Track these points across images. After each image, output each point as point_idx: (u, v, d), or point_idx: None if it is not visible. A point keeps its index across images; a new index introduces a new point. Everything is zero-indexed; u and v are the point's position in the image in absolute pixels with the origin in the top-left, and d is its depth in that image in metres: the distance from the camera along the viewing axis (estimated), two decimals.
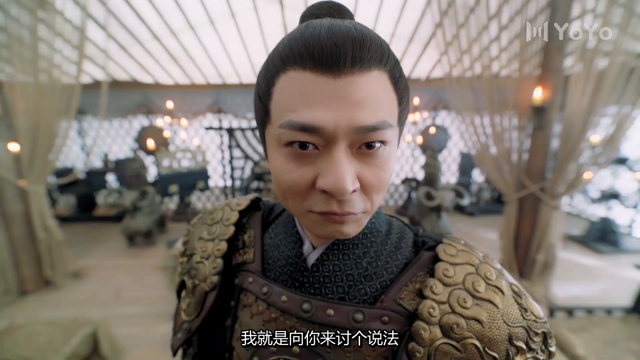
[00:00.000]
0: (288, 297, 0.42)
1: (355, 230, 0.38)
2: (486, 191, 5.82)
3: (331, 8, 0.40)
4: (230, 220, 0.51)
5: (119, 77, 5.05)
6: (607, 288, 3.03)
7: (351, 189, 0.32)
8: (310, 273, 0.42)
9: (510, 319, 0.35)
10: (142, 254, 3.88)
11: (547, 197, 2.71)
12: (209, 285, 0.48)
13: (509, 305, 0.36)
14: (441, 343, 0.35)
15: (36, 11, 2.47)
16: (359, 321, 0.38)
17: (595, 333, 1.68)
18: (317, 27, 0.32)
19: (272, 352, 0.41)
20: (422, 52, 4.55)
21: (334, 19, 0.34)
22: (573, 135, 2.47)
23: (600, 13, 2.14)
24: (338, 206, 0.34)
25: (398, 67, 0.35)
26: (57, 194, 5.60)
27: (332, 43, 0.30)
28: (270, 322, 0.42)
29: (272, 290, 0.43)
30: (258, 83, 0.38)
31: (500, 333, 0.34)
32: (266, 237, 0.50)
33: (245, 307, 0.46)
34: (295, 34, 0.33)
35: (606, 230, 3.97)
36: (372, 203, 0.37)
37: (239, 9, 3.78)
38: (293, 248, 0.45)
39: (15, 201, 2.78)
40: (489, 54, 2.76)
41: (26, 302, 2.83)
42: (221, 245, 0.49)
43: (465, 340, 0.34)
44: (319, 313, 0.39)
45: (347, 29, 0.31)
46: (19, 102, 2.63)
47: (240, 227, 0.53)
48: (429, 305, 0.36)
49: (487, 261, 0.40)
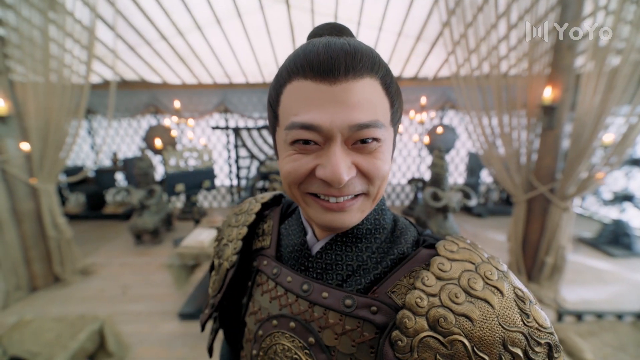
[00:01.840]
0: (292, 277, 0.48)
1: (355, 218, 0.41)
2: (494, 192, 5.74)
3: (332, 28, 0.45)
4: (253, 210, 0.60)
5: (128, 77, 5.12)
6: (618, 292, 2.96)
7: (346, 178, 0.37)
8: (314, 260, 0.47)
9: (507, 322, 0.33)
10: (149, 252, 3.92)
11: (557, 199, 2.65)
12: (230, 263, 0.55)
13: (507, 308, 0.34)
14: (426, 336, 0.34)
15: (47, 12, 2.51)
16: (348, 306, 0.41)
17: (605, 338, 1.64)
18: (317, 43, 0.38)
19: (273, 326, 0.47)
20: (429, 51, 4.50)
21: (331, 37, 0.39)
22: (584, 135, 2.41)
23: (612, 10, 2.09)
24: (337, 190, 0.39)
25: (389, 74, 0.40)
26: (68, 192, 5.72)
27: (328, 56, 0.35)
28: (276, 299, 0.48)
29: (281, 271, 0.50)
30: (269, 93, 0.43)
31: (493, 335, 0.33)
32: (282, 227, 0.56)
33: (259, 285, 0.53)
34: (299, 50, 0.39)
35: (619, 233, 3.87)
36: (374, 187, 0.41)
37: (246, 8, 3.80)
38: (298, 237, 0.50)
39: (26, 199, 2.84)
40: (498, 53, 2.71)
41: (36, 297, 2.89)
42: (243, 230, 0.57)
43: (452, 336, 0.33)
44: (315, 294, 0.44)
45: (341, 44, 0.37)
46: (30, 101, 2.69)
47: (262, 217, 0.61)
48: (417, 295, 0.36)
49: (491, 262, 0.39)
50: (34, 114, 2.72)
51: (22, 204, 2.82)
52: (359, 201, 0.41)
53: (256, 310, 0.51)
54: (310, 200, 0.42)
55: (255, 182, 4.63)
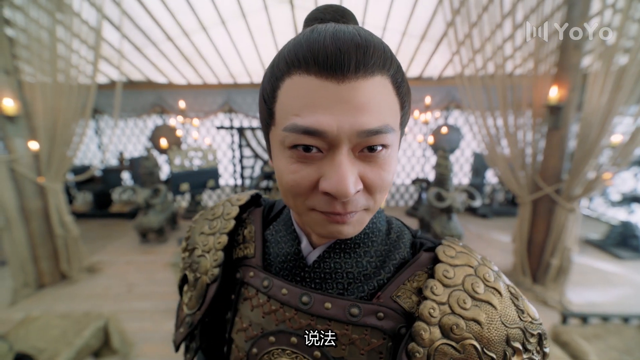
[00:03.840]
0: (288, 290, 0.43)
1: (356, 230, 0.39)
2: (500, 192, 5.68)
3: (335, 12, 0.40)
4: (230, 215, 0.53)
5: (134, 78, 5.18)
6: (625, 295, 2.91)
7: (353, 191, 0.33)
8: (312, 269, 0.44)
9: (508, 320, 0.36)
10: (154, 250, 3.96)
11: (563, 200, 2.62)
12: (210, 277, 0.49)
13: (506, 307, 0.37)
14: (441, 343, 0.35)
15: (55, 13, 2.55)
16: (354, 315, 0.39)
17: (610, 341, 1.62)
18: (322, 32, 0.32)
19: (270, 343, 0.43)
20: (434, 51, 4.47)
21: (338, 24, 0.34)
22: (591, 136, 2.38)
23: (620, 8, 2.06)
24: (341, 207, 0.35)
25: (400, 72, 0.36)
26: (75, 190, 5.79)
27: (336, 49, 0.30)
28: (270, 314, 0.44)
29: (273, 283, 0.45)
30: (263, 86, 0.38)
31: (499, 334, 0.35)
32: (267, 233, 0.51)
33: (246, 300, 0.47)
34: (301, 38, 0.34)
35: (627, 235, 3.81)
36: (375, 201, 0.38)
37: (250, 9, 3.82)
38: (292, 245, 0.46)
39: (34, 198, 2.88)
40: (503, 52, 2.69)
41: (43, 294, 2.94)
42: (222, 238, 0.50)
43: (464, 340, 0.35)
44: (317, 306, 0.41)
45: (352, 35, 0.31)
46: (38, 101, 2.73)
47: (241, 222, 0.54)
48: (430, 305, 0.36)
49: (485, 263, 0.40)
50: (42, 113, 2.76)
51: (30, 202, 2.86)
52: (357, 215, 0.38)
53: (246, 327, 0.46)
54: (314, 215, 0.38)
55: (259, 182, 4.65)
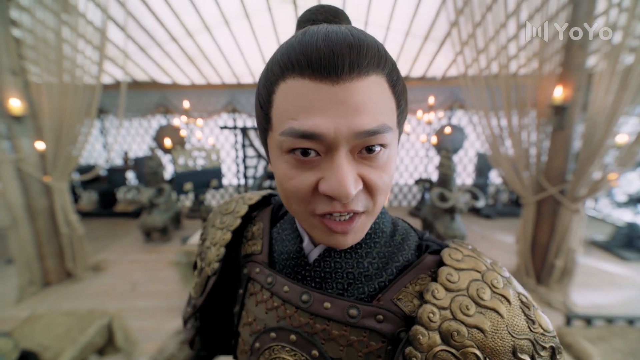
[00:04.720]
0: (290, 287, 0.44)
1: (357, 238, 0.38)
2: (504, 193, 5.65)
3: (327, 12, 0.40)
4: (239, 213, 0.54)
5: (139, 78, 5.22)
6: (631, 297, 2.88)
7: (354, 192, 0.33)
8: (312, 268, 0.44)
9: (516, 330, 0.34)
10: (158, 249, 3.99)
11: (567, 200, 2.60)
12: (211, 270, 0.52)
13: (515, 316, 0.34)
14: (440, 350, 0.34)
15: (60, 14, 2.58)
16: (353, 316, 0.39)
17: (615, 344, 1.60)
18: (314, 34, 0.32)
19: (272, 339, 0.44)
20: (437, 51, 4.46)
21: (330, 25, 0.34)
22: (596, 136, 2.36)
23: (626, 7, 2.04)
24: (342, 206, 0.35)
25: (395, 70, 0.35)
26: (80, 190, 5.85)
27: (329, 50, 0.30)
28: (273, 310, 0.45)
29: (276, 280, 0.46)
30: (258, 91, 0.38)
31: (504, 344, 0.33)
32: (274, 231, 0.52)
33: (252, 295, 0.49)
34: (293, 41, 0.33)
35: (633, 236, 3.77)
36: (375, 204, 0.37)
37: (253, 9, 3.83)
38: (294, 244, 0.46)
39: (40, 197, 2.92)
40: (507, 52, 2.67)
41: (49, 292, 2.97)
42: (227, 235, 0.53)
43: (465, 348, 0.33)
44: (316, 305, 0.41)
45: (344, 35, 0.31)
46: (44, 101, 2.76)
47: (250, 220, 0.57)
48: (429, 310, 0.35)
49: (494, 268, 0.38)
50: (48, 113, 2.79)
51: (36, 201, 2.89)
52: (358, 222, 0.37)
53: (251, 321, 0.48)
54: (316, 222, 0.37)
55: (262, 182, 4.66)
